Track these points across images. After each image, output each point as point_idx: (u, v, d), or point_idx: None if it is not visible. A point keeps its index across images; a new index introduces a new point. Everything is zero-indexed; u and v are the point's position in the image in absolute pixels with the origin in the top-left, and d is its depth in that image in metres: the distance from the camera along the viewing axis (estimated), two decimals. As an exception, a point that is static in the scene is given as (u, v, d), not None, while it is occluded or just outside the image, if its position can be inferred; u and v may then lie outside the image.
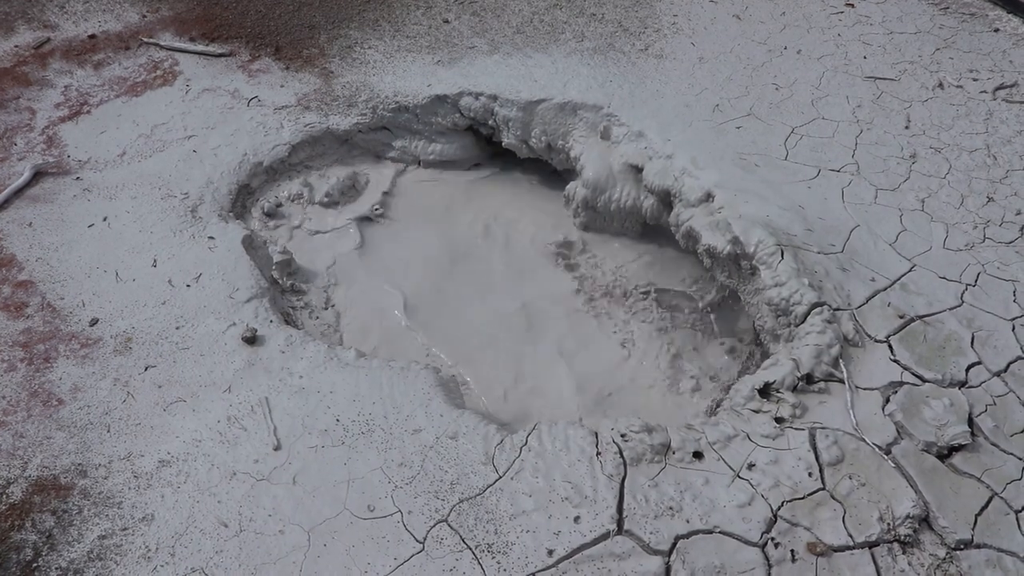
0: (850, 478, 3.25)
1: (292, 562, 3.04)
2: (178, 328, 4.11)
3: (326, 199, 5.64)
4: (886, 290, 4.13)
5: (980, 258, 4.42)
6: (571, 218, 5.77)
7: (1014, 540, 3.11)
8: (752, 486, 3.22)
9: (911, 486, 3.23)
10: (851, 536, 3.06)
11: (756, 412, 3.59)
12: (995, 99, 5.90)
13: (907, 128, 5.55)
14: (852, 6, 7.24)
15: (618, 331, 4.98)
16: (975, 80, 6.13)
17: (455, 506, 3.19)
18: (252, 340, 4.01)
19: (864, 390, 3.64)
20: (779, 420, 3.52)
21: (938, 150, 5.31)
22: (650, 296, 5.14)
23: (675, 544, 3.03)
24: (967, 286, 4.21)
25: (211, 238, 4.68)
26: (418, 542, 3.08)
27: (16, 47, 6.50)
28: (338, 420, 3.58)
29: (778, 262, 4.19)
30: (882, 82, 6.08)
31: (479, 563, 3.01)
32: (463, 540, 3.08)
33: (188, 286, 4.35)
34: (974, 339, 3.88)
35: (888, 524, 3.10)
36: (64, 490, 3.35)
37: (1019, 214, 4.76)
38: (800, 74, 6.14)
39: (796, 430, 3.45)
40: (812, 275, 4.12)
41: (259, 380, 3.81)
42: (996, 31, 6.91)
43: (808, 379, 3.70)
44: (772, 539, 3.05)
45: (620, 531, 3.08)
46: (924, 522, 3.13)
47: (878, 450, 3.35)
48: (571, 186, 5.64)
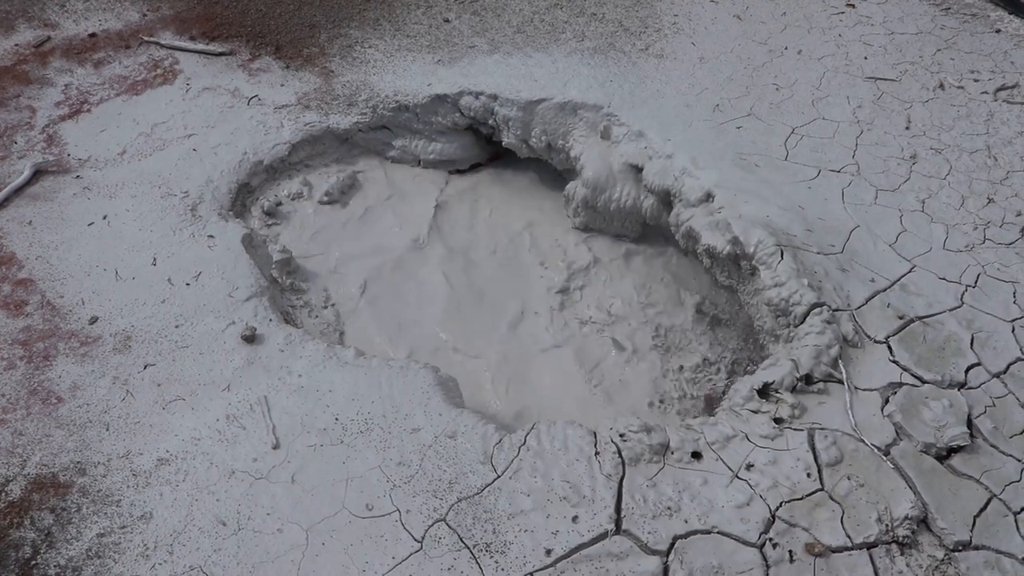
0: (849, 479, 3.25)
1: (290, 561, 3.04)
2: (177, 326, 4.11)
3: (326, 198, 5.64)
4: (886, 291, 4.13)
5: (980, 259, 4.41)
6: (571, 218, 5.77)
7: (1013, 542, 3.10)
8: (751, 486, 3.22)
9: (910, 487, 3.22)
10: (849, 537, 3.06)
11: (755, 412, 3.59)
12: (996, 100, 5.90)
13: (908, 129, 5.54)
14: (853, 6, 7.23)
15: (608, 332, 4.99)
16: (976, 81, 6.12)
17: (453, 505, 3.19)
18: (251, 339, 4.01)
19: (863, 391, 3.64)
20: (778, 420, 3.51)
21: (939, 151, 5.31)
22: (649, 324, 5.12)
23: (673, 544, 3.03)
24: (967, 287, 4.20)
25: (211, 237, 4.68)
26: (416, 541, 3.08)
27: (16, 45, 6.51)
28: (337, 419, 3.59)
29: (778, 262, 4.19)
30: (883, 83, 6.07)
31: (477, 562, 3.00)
32: (461, 539, 3.08)
33: (187, 285, 4.35)
34: (974, 340, 3.88)
35: (886, 525, 3.10)
36: (63, 488, 3.35)
37: (1019, 215, 4.76)
38: (801, 74, 6.14)
39: (795, 431, 3.45)
40: (812, 275, 4.11)
41: (258, 379, 3.81)
42: (997, 32, 6.90)
43: (807, 379, 3.70)
44: (770, 540, 3.05)
45: (618, 531, 3.08)
46: (923, 523, 3.13)
47: (877, 451, 3.35)
48: (571, 186, 5.64)
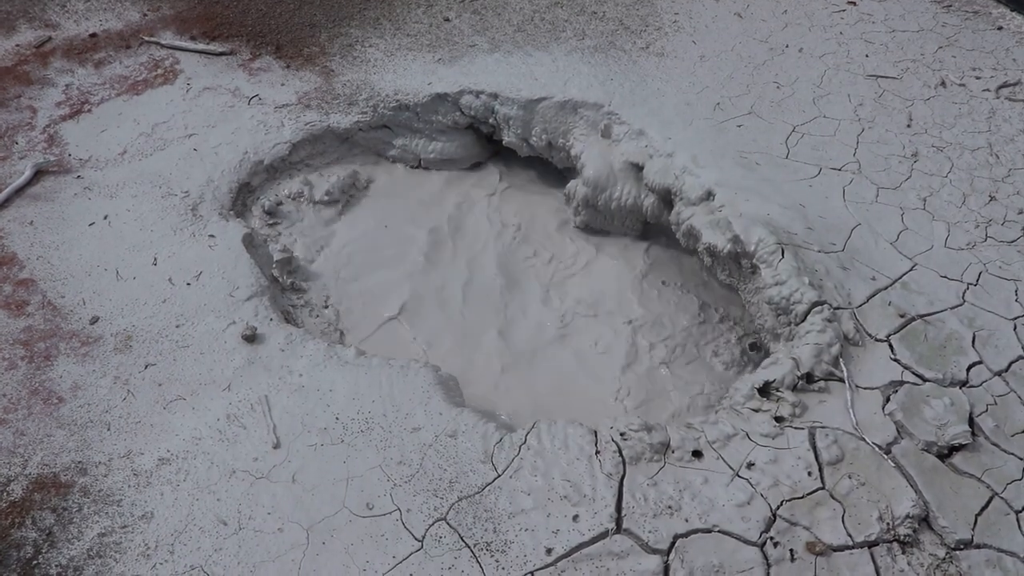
0: (850, 477, 3.24)
1: (291, 560, 3.05)
2: (178, 326, 4.12)
3: (326, 197, 5.64)
4: (887, 289, 4.12)
5: (982, 257, 4.40)
6: (572, 216, 5.76)
7: (1014, 540, 3.10)
8: (751, 485, 3.21)
9: (911, 486, 3.22)
10: (850, 536, 3.06)
11: (756, 411, 3.58)
12: (998, 97, 5.88)
13: (909, 127, 5.53)
14: (854, 4, 7.21)
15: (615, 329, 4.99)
16: (978, 78, 6.11)
17: (454, 504, 3.19)
18: (252, 338, 4.01)
19: (864, 389, 3.63)
20: (779, 419, 3.51)
21: (940, 149, 5.30)
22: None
23: (674, 543, 3.03)
24: (968, 285, 4.20)
25: (211, 236, 4.68)
26: (417, 540, 3.08)
27: (17, 46, 6.51)
28: (337, 418, 3.59)
29: (778, 261, 4.18)
30: (884, 80, 6.06)
31: (478, 561, 3.00)
32: (462, 538, 3.08)
33: (188, 284, 4.35)
34: (975, 338, 3.87)
35: (888, 524, 3.09)
36: (64, 488, 3.36)
37: (1021, 213, 4.74)
38: (801, 72, 6.13)
39: (796, 429, 3.45)
40: (812, 274, 4.11)
41: (259, 378, 3.82)
42: (999, 29, 6.88)
43: (808, 378, 3.69)
44: (771, 538, 3.04)
45: (619, 530, 3.08)
46: (924, 522, 3.12)
47: (878, 449, 3.35)
48: (572, 184, 5.64)
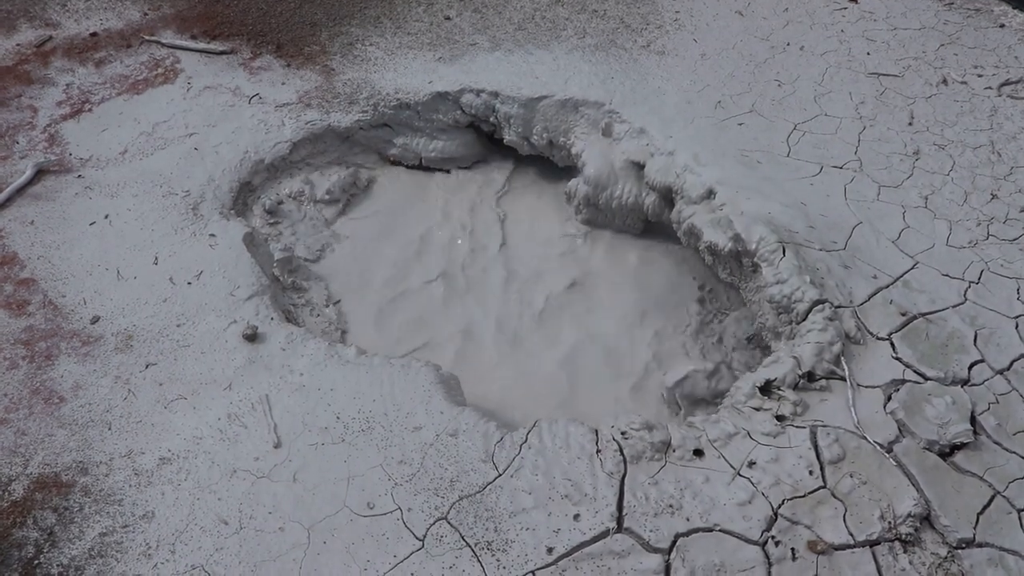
0: (851, 476, 3.24)
1: (292, 559, 3.05)
2: (179, 326, 4.12)
3: (327, 196, 5.64)
4: (888, 287, 4.11)
5: (983, 255, 4.39)
6: (573, 215, 5.76)
7: (1016, 539, 3.09)
8: (753, 484, 3.21)
9: (913, 484, 3.21)
10: (852, 535, 3.05)
11: (757, 410, 3.58)
12: (1000, 95, 5.87)
13: (910, 125, 5.52)
14: (855, 1, 7.19)
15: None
16: (980, 76, 6.09)
17: (455, 504, 3.19)
18: (253, 338, 4.01)
19: (866, 388, 3.63)
20: (780, 418, 3.50)
21: (942, 147, 5.28)
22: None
23: (675, 542, 3.02)
24: (970, 283, 4.19)
25: (212, 236, 4.68)
26: (418, 540, 3.08)
27: (18, 45, 6.51)
28: (338, 417, 3.58)
29: (780, 259, 4.17)
30: (885, 78, 6.05)
31: (479, 561, 3.00)
32: (463, 538, 3.07)
33: (189, 284, 4.35)
34: (977, 337, 3.86)
35: (889, 523, 3.09)
36: (65, 487, 3.36)
37: (1023, 211, 4.74)
38: (803, 70, 6.11)
39: (797, 428, 3.44)
40: (814, 272, 4.10)
41: (260, 378, 3.82)
42: (1002, 27, 6.87)
43: (809, 377, 3.69)
44: (772, 537, 3.04)
45: (620, 529, 3.07)
46: (925, 521, 3.12)
47: (880, 448, 3.34)
48: (573, 183, 5.63)
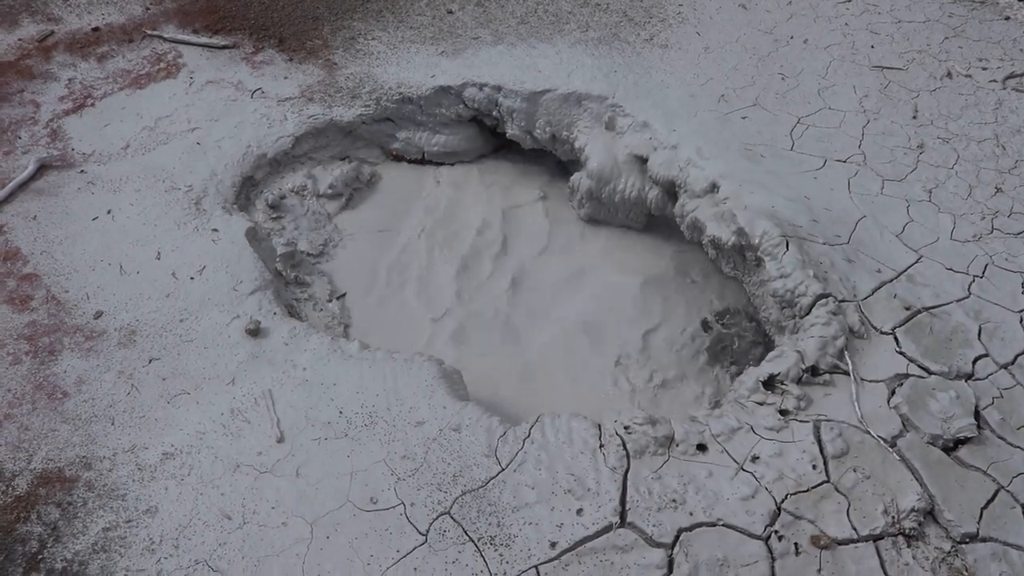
0: (855, 471, 3.23)
1: (295, 554, 3.05)
2: (182, 321, 4.12)
3: (330, 191, 5.63)
4: (892, 281, 4.10)
5: (988, 249, 4.38)
6: (576, 209, 5.74)
7: (1020, 533, 3.08)
8: (756, 479, 3.20)
9: (916, 479, 3.20)
10: (855, 529, 3.05)
11: (760, 404, 3.57)
12: (1005, 88, 5.84)
13: (915, 118, 5.49)
14: (860, -6, 7.16)
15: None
16: (984, 69, 6.06)
17: (458, 498, 3.19)
18: (256, 332, 4.01)
19: (869, 382, 3.62)
20: (783, 412, 3.50)
21: (946, 140, 5.26)
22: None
23: (678, 537, 3.02)
24: (974, 277, 4.17)
25: (215, 230, 4.67)
26: (421, 534, 3.08)
27: (20, 40, 6.51)
28: (341, 412, 3.59)
29: (783, 253, 4.16)
30: (890, 71, 6.02)
31: (481, 555, 3.00)
32: (466, 532, 3.08)
33: (192, 279, 4.35)
34: (981, 331, 3.85)
35: (893, 517, 3.08)
36: (69, 482, 3.36)
37: (1028, 204, 4.72)
38: (806, 64, 6.09)
39: (800, 422, 3.43)
40: (817, 266, 4.09)
41: (263, 372, 3.82)
42: (1007, 19, 6.83)
43: (813, 371, 3.68)
44: (776, 532, 3.04)
45: (623, 523, 3.07)
46: (929, 515, 3.11)
47: (883, 443, 3.33)
48: (576, 177, 5.62)
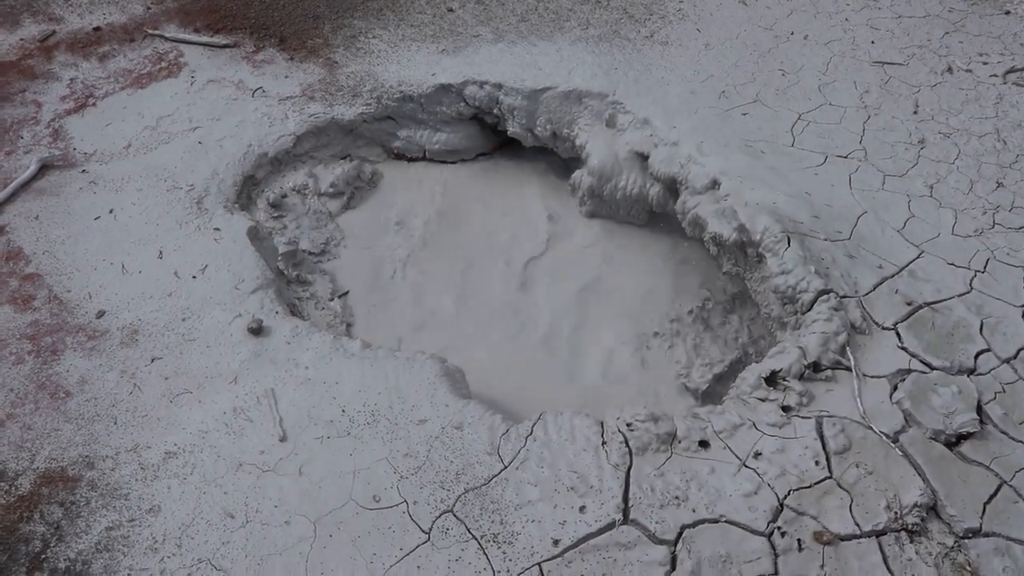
0: (857, 466, 3.23)
1: (298, 553, 3.05)
2: (184, 320, 4.12)
3: (331, 190, 5.63)
4: (894, 277, 4.10)
5: (989, 244, 4.37)
6: (577, 206, 5.74)
7: (1023, 528, 3.08)
8: (758, 475, 3.21)
9: (919, 474, 3.21)
10: (858, 525, 3.05)
11: (762, 400, 3.57)
12: (1005, 83, 5.83)
13: (915, 113, 5.48)
14: (860, -10, 7.15)
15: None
16: (985, 64, 6.05)
17: (460, 496, 3.20)
18: (258, 331, 4.01)
19: (871, 378, 3.62)
20: (786, 408, 3.50)
21: (947, 135, 5.25)
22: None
23: (681, 533, 3.02)
24: (976, 272, 4.17)
25: (217, 229, 4.68)
26: (424, 532, 3.09)
27: (22, 40, 6.51)
28: (344, 411, 3.59)
29: (784, 249, 4.16)
30: (890, 67, 6.01)
31: (484, 553, 3.01)
32: (469, 530, 3.08)
33: (194, 278, 4.36)
34: (983, 326, 3.85)
35: (896, 513, 3.08)
36: (72, 482, 3.37)
37: (1030, 199, 4.72)
38: (807, 60, 6.08)
39: (803, 418, 3.44)
40: (819, 262, 4.09)
41: (265, 371, 3.82)
42: (1007, 14, 6.81)
43: (815, 367, 3.68)
44: (778, 528, 3.04)
45: (626, 521, 3.08)
46: (932, 511, 3.11)
47: (886, 438, 3.33)
48: (577, 174, 5.62)
